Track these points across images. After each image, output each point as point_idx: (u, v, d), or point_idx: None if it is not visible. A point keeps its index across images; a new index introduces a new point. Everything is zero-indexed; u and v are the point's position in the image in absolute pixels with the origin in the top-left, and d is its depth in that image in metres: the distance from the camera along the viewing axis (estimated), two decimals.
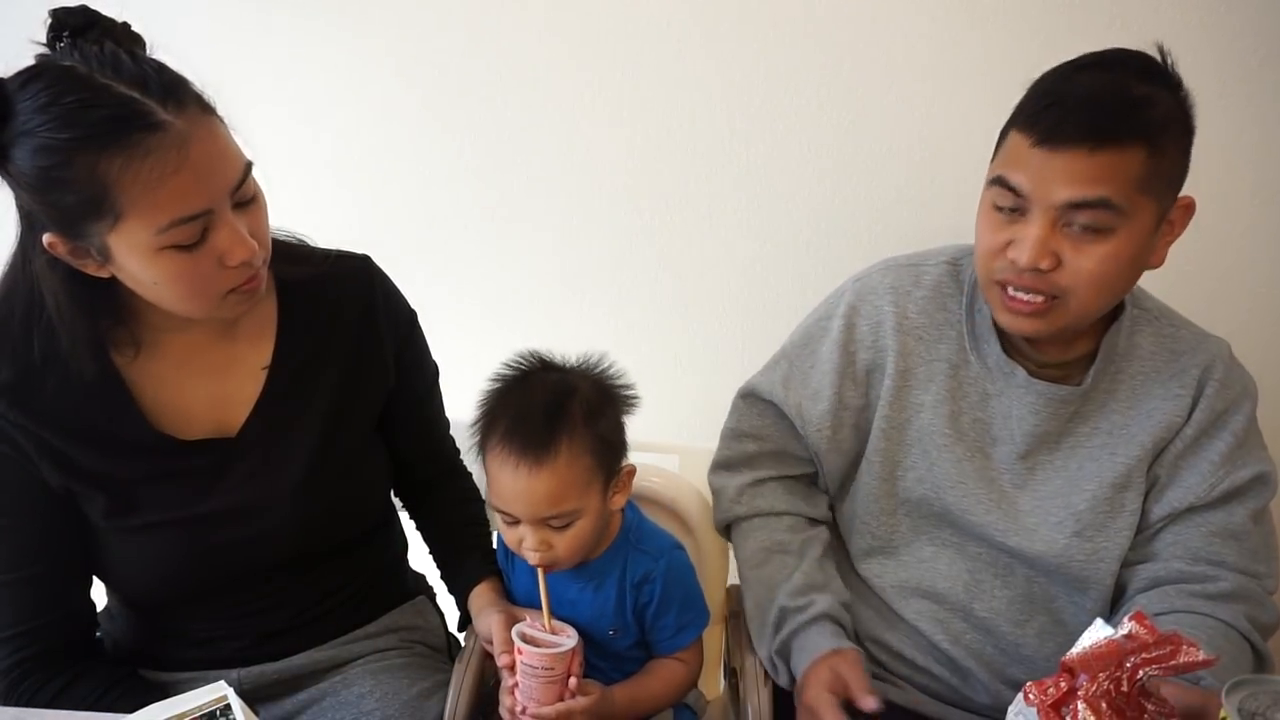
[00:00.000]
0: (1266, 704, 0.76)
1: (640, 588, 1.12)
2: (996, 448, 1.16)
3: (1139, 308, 1.16)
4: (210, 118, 0.95)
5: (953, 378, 1.18)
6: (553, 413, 1.04)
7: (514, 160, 1.71)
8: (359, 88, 1.70)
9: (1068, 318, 1.05)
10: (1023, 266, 1.02)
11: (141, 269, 0.95)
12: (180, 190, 0.91)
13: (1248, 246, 1.64)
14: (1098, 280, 1.02)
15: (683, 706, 1.23)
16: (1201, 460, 1.11)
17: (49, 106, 0.88)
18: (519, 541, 1.07)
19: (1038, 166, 1.00)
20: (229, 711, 0.91)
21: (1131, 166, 0.98)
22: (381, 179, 1.76)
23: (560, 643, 1.06)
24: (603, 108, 1.66)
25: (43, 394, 1.02)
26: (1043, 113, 1.01)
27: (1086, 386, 1.13)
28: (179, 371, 1.09)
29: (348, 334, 1.17)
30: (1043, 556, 1.14)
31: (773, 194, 1.67)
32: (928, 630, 1.19)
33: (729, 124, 1.64)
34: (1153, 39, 1.04)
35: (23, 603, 1.07)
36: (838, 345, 1.22)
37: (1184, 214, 1.07)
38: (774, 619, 1.18)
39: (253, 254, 0.97)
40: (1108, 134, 0.98)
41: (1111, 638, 0.75)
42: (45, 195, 0.91)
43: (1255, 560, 1.10)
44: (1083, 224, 1.00)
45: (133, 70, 0.91)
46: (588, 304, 1.80)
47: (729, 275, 1.71)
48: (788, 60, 1.59)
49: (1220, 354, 1.15)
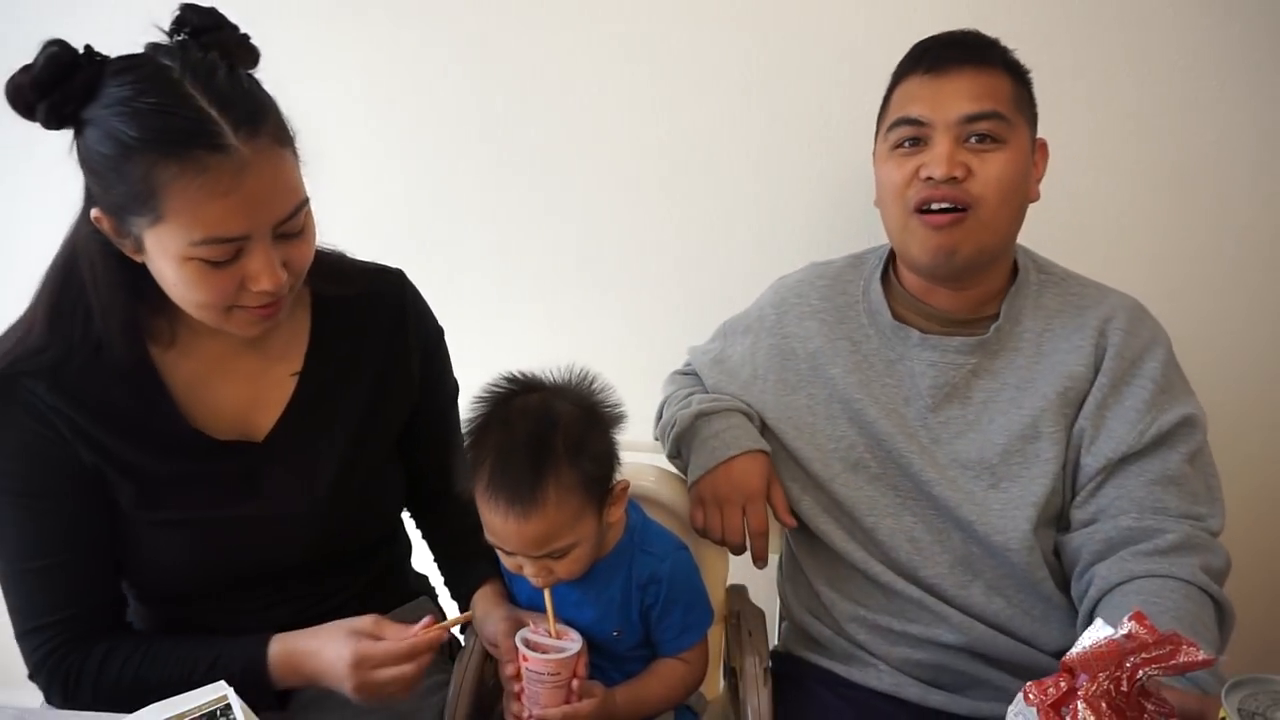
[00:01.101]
0: (1266, 704, 0.76)
1: (646, 589, 1.12)
2: (909, 407, 1.24)
3: (1045, 273, 1.26)
4: (280, 150, 0.97)
5: (856, 352, 1.28)
6: (536, 453, 1.01)
7: (514, 161, 1.71)
8: (359, 87, 1.70)
9: (980, 232, 1.15)
10: (940, 178, 1.14)
11: (167, 269, 0.97)
12: (224, 213, 0.93)
13: (1248, 246, 1.64)
14: (1003, 186, 1.14)
15: (683, 707, 1.23)
16: (1126, 409, 1.16)
17: (129, 101, 0.91)
18: (518, 569, 1.07)
19: (931, 94, 1.16)
20: (229, 711, 0.91)
21: (1005, 87, 1.16)
22: (380, 179, 1.76)
23: (564, 647, 1.06)
24: (609, 105, 1.66)
25: (81, 379, 1.03)
26: (923, 55, 1.19)
27: (985, 336, 1.20)
28: (211, 372, 1.10)
29: (378, 348, 1.19)
30: (962, 506, 1.18)
31: (777, 196, 1.67)
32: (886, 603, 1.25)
33: (736, 125, 1.64)
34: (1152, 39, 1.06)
35: (56, 590, 1.07)
36: (753, 335, 1.36)
37: (1044, 155, 1.23)
38: (683, 401, 1.36)
39: (279, 285, 0.98)
40: (984, 57, 1.17)
41: (1111, 637, 0.75)
42: (101, 178, 0.94)
43: (1196, 502, 1.14)
44: (980, 133, 1.14)
45: (222, 87, 0.93)
46: (589, 305, 1.79)
47: (731, 276, 1.71)
48: (795, 61, 1.59)
49: (1123, 305, 1.21)
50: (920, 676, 1.23)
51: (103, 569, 1.10)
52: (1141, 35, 1.53)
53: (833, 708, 1.24)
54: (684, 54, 1.62)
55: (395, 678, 1.04)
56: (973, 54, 1.17)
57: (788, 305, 1.35)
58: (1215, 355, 1.67)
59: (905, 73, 1.21)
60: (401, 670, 1.05)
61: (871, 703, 1.23)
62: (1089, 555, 1.14)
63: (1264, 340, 1.69)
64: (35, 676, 1.10)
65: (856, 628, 1.26)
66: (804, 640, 1.34)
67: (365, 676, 1.04)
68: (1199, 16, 1.51)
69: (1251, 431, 1.72)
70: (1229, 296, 1.66)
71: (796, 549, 1.35)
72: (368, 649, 1.05)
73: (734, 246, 1.72)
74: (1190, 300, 1.66)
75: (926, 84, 1.17)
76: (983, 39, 1.20)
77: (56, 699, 1.10)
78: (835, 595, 1.28)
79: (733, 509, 1.25)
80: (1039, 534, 1.18)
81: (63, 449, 1.04)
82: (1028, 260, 1.26)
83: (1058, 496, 1.18)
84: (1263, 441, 1.74)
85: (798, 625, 1.36)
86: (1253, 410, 1.71)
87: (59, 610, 1.07)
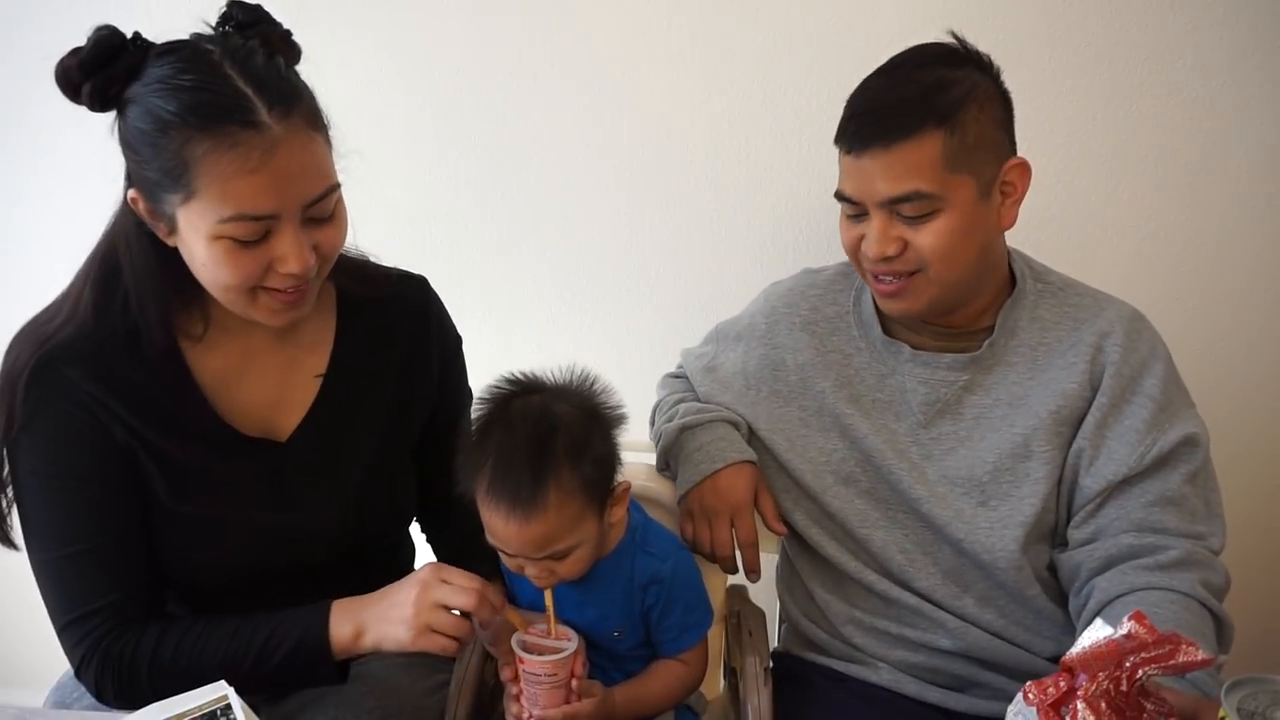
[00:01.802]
0: (1266, 704, 0.76)
1: (648, 589, 1.12)
2: (900, 422, 1.23)
3: (1042, 282, 1.23)
4: (313, 133, 0.98)
5: (847, 366, 1.27)
6: (537, 457, 1.00)
7: (514, 162, 1.71)
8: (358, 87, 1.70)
9: (933, 289, 1.14)
10: (873, 257, 1.13)
11: (197, 247, 0.97)
12: (253, 189, 0.94)
13: (1248, 246, 1.64)
14: (942, 253, 1.11)
15: (684, 706, 1.23)
16: (1126, 429, 1.14)
17: (169, 79, 0.94)
18: (519, 570, 1.07)
19: (855, 174, 1.13)
20: (229, 711, 0.91)
21: (930, 152, 1.08)
22: (379, 179, 1.76)
23: (561, 648, 1.06)
24: (609, 107, 1.66)
25: (116, 365, 1.04)
26: (845, 125, 1.14)
27: (978, 354, 1.19)
28: (238, 369, 1.11)
29: (401, 353, 1.20)
30: (951, 524, 1.18)
31: (774, 196, 1.67)
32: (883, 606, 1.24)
33: (732, 127, 1.64)
34: (1152, 40, 1.05)
35: (98, 575, 1.06)
36: (744, 344, 1.34)
37: (1021, 174, 1.15)
38: (671, 410, 1.35)
39: (305, 268, 0.99)
40: (896, 131, 1.08)
41: (1111, 637, 0.75)
42: (137, 155, 0.96)
43: (1196, 521, 1.13)
44: (907, 214, 1.10)
45: (259, 69, 0.96)
46: (588, 305, 1.80)
47: (729, 276, 1.71)
48: (790, 63, 1.59)
49: (1120, 317, 1.18)
50: (918, 677, 1.23)
51: (141, 553, 1.08)
52: (1141, 36, 1.53)
53: (834, 703, 1.23)
54: (684, 56, 1.61)
55: (461, 595, 1.04)
56: (892, 127, 1.08)
57: (778, 315, 1.33)
58: (1222, 361, 1.68)
59: (837, 139, 1.16)
60: (467, 595, 1.04)
61: (872, 696, 1.23)
62: (1087, 572, 1.13)
63: (1271, 344, 1.68)
64: (83, 670, 1.07)
65: (853, 630, 1.26)
66: (803, 642, 1.34)
67: (432, 591, 1.05)
68: (1205, 15, 1.51)
69: (1258, 427, 1.72)
70: (1237, 300, 1.66)
71: (793, 555, 1.35)
72: (441, 568, 1.08)
73: (734, 248, 1.71)
74: (1198, 306, 1.66)
75: (851, 164, 1.13)
76: (907, 97, 1.10)
77: (110, 691, 1.06)
78: (831, 599, 1.28)
79: (721, 521, 1.25)
80: (1029, 552, 1.17)
81: (98, 431, 1.04)
82: (1024, 268, 1.23)
83: (1049, 515, 1.18)
84: (1269, 439, 1.74)
85: (796, 628, 1.36)
86: (1260, 409, 1.72)
87: (102, 596, 1.05)
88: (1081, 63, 1.55)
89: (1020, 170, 1.14)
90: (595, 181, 1.71)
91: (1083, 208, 1.62)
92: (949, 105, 1.08)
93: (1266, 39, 1.52)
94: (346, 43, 1.66)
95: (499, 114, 1.68)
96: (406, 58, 1.67)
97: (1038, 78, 1.55)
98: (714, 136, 1.65)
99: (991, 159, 1.12)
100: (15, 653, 2.16)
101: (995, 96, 1.13)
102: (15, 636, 2.10)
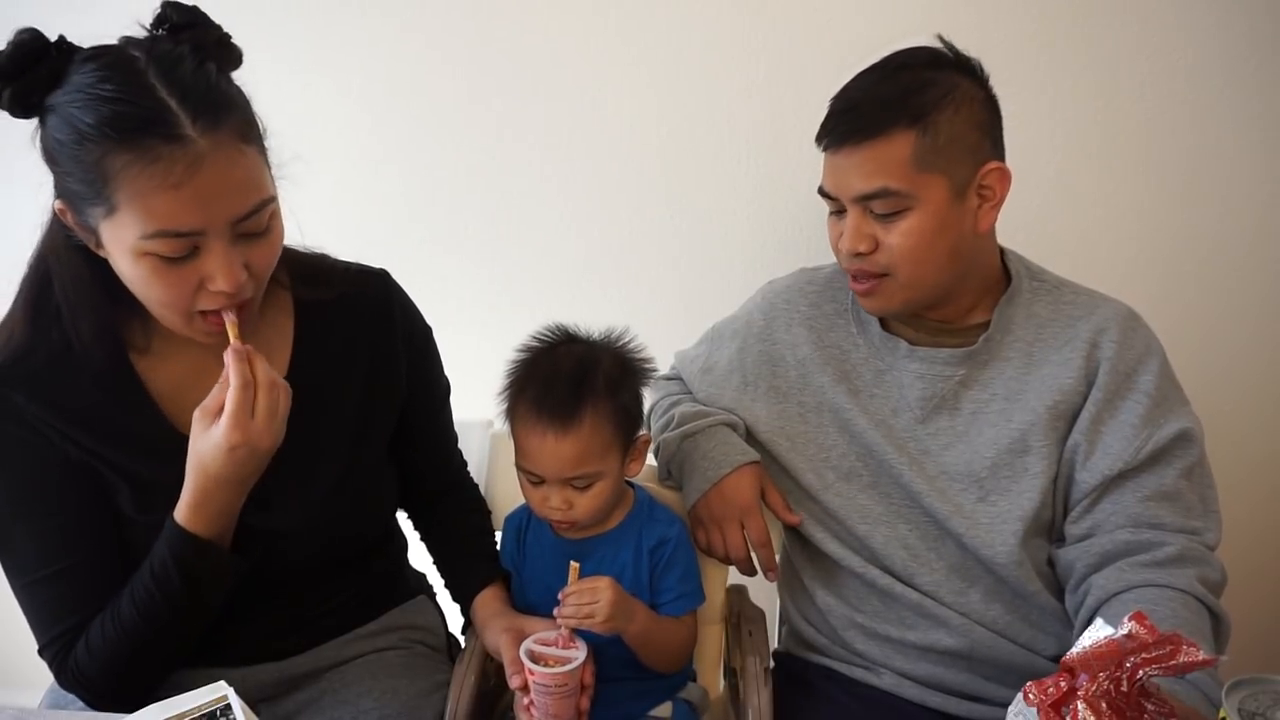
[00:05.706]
0: (1266, 704, 0.76)
1: (655, 551, 1.19)
2: (898, 417, 1.24)
3: (1037, 280, 1.24)
4: (243, 146, 0.94)
5: (845, 361, 1.28)
6: (578, 382, 1.10)
7: (510, 161, 1.71)
8: (356, 88, 1.70)
9: (903, 291, 1.16)
10: (846, 253, 1.16)
11: (123, 263, 0.95)
12: (176, 205, 0.90)
13: (1243, 247, 1.64)
14: (910, 254, 1.13)
15: (684, 702, 1.24)
16: (1122, 424, 1.15)
17: (89, 88, 0.90)
18: (543, 500, 1.13)
19: (831, 170, 1.16)
20: (229, 711, 0.91)
21: (901, 150, 1.10)
22: (377, 179, 1.76)
23: (570, 658, 1.07)
24: (608, 106, 1.66)
25: (59, 383, 1.02)
26: (825, 123, 1.16)
27: (974, 349, 1.20)
28: (191, 378, 1.08)
29: (365, 352, 1.18)
30: (952, 518, 1.18)
31: (777, 186, 1.67)
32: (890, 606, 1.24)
33: (735, 117, 1.64)
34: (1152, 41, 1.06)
35: (65, 596, 1.05)
36: (740, 340, 1.36)
37: (1000, 179, 1.15)
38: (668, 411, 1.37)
39: (237, 286, 0.96)
40: (869, 129, 1.11)
41: (1111, 637, 0.75)
42: (59, 166, 0.94)
43: (1191, 516, 1.13)
44: (878, 212, 1.12)
45: (186, 79, 0.91)
46: (587, 305, 1.78)
47: (731, 268, 1.71)
48: (790, 63, 1.59)
49: (1116, 315, 1.19)
50: (920, 682, 1.22)
51: (112, 566, 1.07)
52: (1142, 37, 1.53)
53: (835, 703, 1.24)
54: (683, 55, 1.62)
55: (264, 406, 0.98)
56: (866, 125, 1.11)
57: (776, 311, 1.34)
58: (1217, 360, 1.68)
59: (818, 136, 1.18)
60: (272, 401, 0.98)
61: (873, 700, 1.23)
62: (1084, 568, 1.14)
63: (1268, 342, 1.69)
64: (67, 689, 1.07)
65: (855, 635, 1.26)
66: (803, 644, 1.34)
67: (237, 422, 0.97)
68: (1204, 14, 1.51)
69: (1252, 426, 1.73)
70: (1234, 298, 1.67)
71: (793, 556, 1.35)
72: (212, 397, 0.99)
73: (733, 247, 1.72)
74: (1193, 305, 1.66)
75: (828, 161, 1.17)
76: (883, 100, 1.12)
77: (87, 697, 1.06)
78: (833, 600, 1.28)
79: (732, 526, 1.26)
80: (1028, 546, 1.17)
81: (51, 452, 1.03)
82: (1020, 267, 1.24)
83: (1047, 510, 1.18)
84: (1264, 438, 1.74)
85: (796, 630, 1.36)
86: (1254, 407, 1.72)
87: (75, 613, 1.05)
88: (1080, 64, 1.55)
89: (999, 175, 1.14)
90: (595, 182, 1.71)
91: (1079, 208, 1.62)
92: (923, 105, 1.10)
93: (1263, 40, 1.53)
94: (297, 39, 1.65)
95: (496, 113, 1.68)
96: (404, 56, 1.67)
97: (1036, 78, 1.55)
98: (714, 136, 1.65)
99: (967, 160, 1.12)
100: (13, 654, 2.15)
101: (977, 99, 1.13)
102: (12, 638, 2.09)
